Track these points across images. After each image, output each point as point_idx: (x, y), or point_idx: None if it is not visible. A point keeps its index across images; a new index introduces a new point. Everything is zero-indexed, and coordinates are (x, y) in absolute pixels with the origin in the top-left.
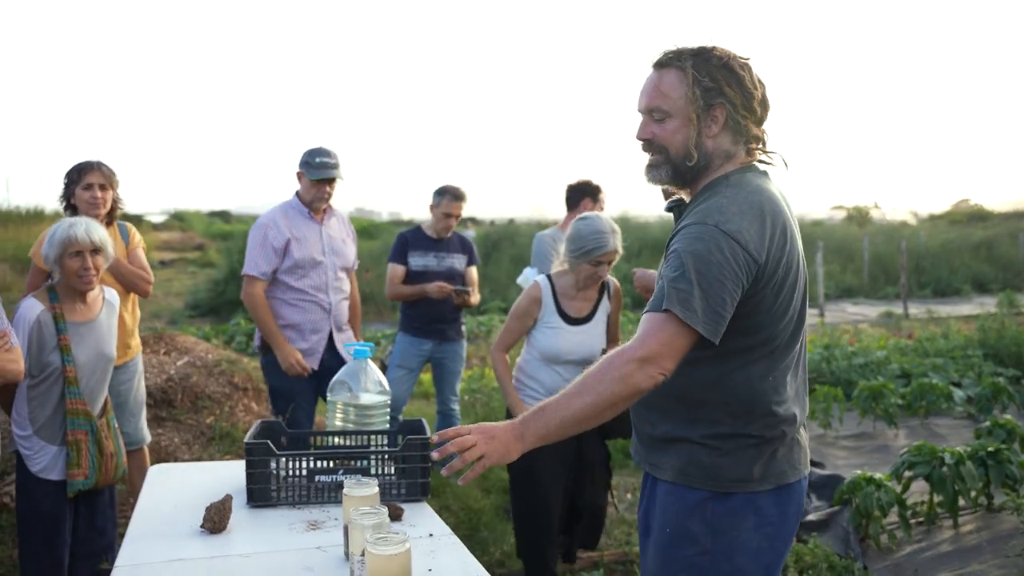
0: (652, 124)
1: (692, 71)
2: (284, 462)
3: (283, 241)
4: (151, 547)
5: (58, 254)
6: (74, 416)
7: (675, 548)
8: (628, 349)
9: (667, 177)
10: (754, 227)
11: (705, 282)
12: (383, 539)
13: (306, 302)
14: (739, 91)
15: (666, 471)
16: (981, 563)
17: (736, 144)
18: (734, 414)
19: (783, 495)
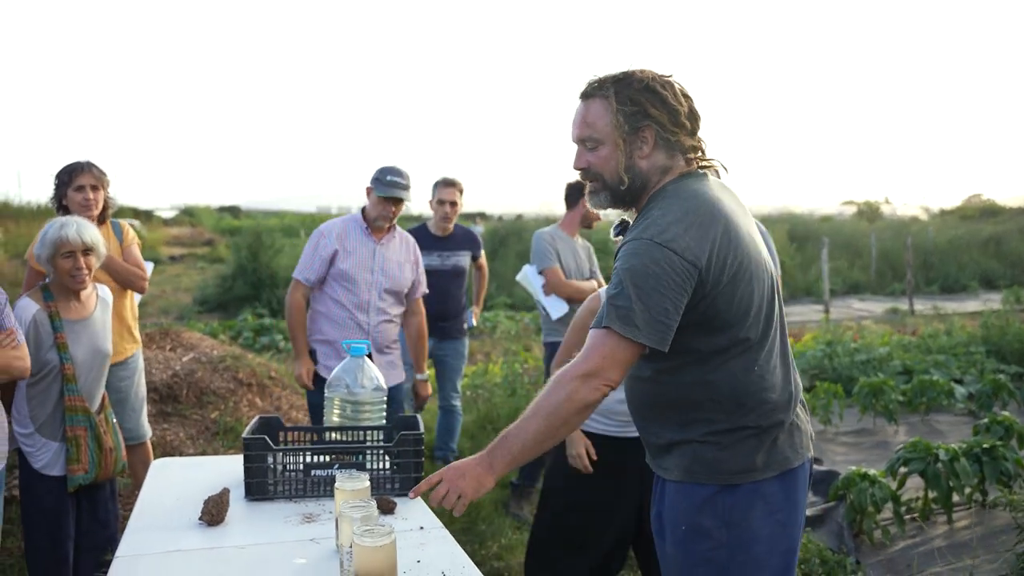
0: (586, 153)
1: (614, 99)
2: (281, 457)
3: (331, 251)
4: (151, 538)
5: (50, 254)
6: (73, 413)
7: (692, 544)
8: (572, 367)
9: (607, 201)
10: (689, 233)
11: (644, 295)
12: (369, 531)
13: (345, 319)
14: (664, 110)
15: (672, 471)
16: (974, 558)
17: (672, 158)
18: (727, 410)
19: (788, 480)
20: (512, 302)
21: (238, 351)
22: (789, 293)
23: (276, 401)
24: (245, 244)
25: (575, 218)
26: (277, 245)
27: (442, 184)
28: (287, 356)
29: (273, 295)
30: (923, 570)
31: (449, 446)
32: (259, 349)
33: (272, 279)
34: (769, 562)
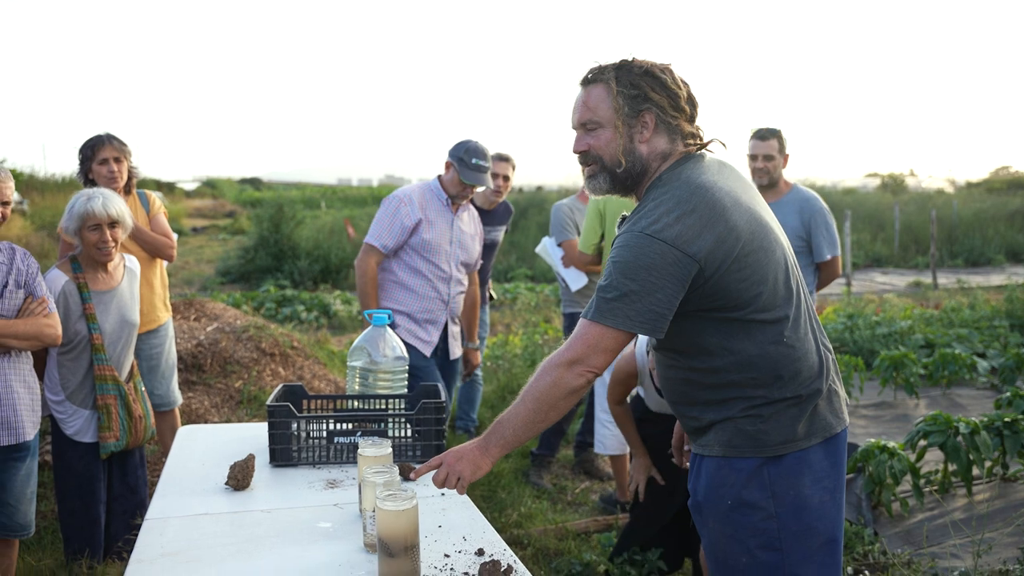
0: (585, 136)
1: (615, 83)
2: (304, 424)
3: (415, 220)
4: (179, 502)
5: (77, 227)
6: (103, 382)
7: (739, 516)
8: (556, 355)
9: (606, 184)
10: (682, 222)
11: (636, 286)
12: (392, 495)
13: (425, 288)
14: (664, 94)
15: (714, 447)
16: (993, 531)
17: (672, 143)
18: (765, 384)
19: (831, 447)
20: (532, 274)
21: (261, 321)
22: None
23: (299, 371)
24: (267, 216)
25: None
26: (298, 217)
27: (496, 158)
28: (309, 326)
29: (295, 266)
30: (941, 542)
31: (470, 416)
32: (281, 320)
33: (293, 250)
34: (820, 529)
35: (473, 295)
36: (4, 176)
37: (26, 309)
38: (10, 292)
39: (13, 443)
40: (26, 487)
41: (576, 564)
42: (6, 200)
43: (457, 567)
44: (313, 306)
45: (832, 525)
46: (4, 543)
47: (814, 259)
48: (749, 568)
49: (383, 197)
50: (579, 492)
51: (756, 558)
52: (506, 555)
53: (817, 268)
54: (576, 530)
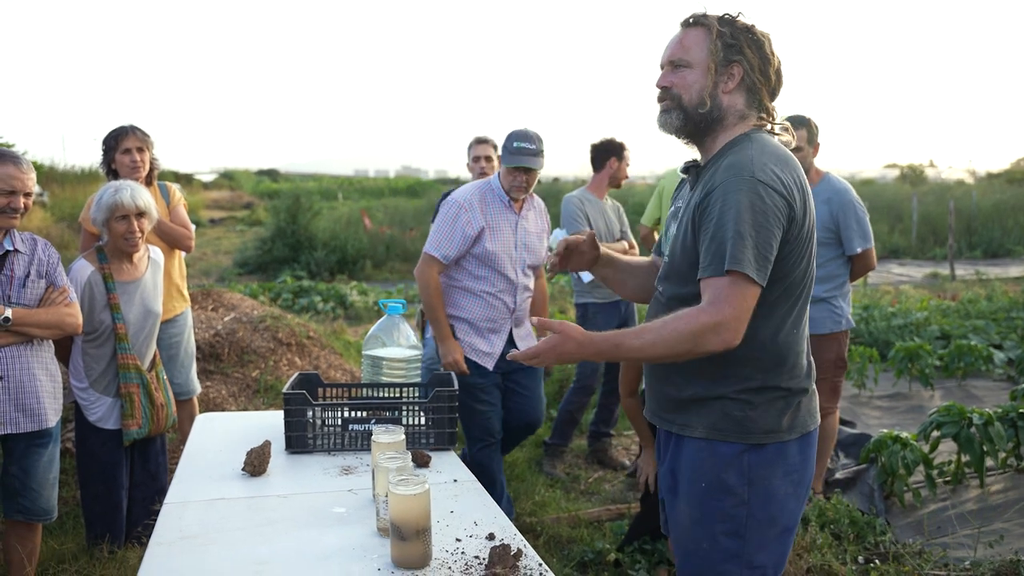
0: (671, 74)
1: (717, 28)
2: (320, 412)
3: (477, 229)
4: (197, 487)
5: (105, 218)
6: (126, 370)
7: (712, 500)
8: (703, 313)
9: (678, 122)
10: (786, 175)
11: (753, 231)
12: (404, 480)
13: (489, 296)
14: (758, 54)
15: (696, 428)
16: (1005, 522)
17: (749, 107)
18: (765, 368)
19: (804, 443)
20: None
21: (277, 312)
22: None
23: (315, 360)
24: (284, 207)
25: (603, 180)
26: (315, 208)
27: (475, 142)
28: (325, 317)
29: (311, 257)
30: (953, 532)
31: None
32: (298, 310)
33: (310, 242)
34: (780, 520)
35: (542, 288)
36: (26, 168)
37: (48, 299)
38: (32, 282)
39: (36, 429)
40: (48, 473)
41: (588, 552)
42: (28, 191)
43: (468, 551)
44: (330, 297)
45: (791, 516)
46: (28, 527)
47: (845, 251)
48: (709, 553)
49: (399, 188)
50: (592, 481)
51: (718, 543)
52: (516, 540)
53: (849, 260)
54: (588, 519)
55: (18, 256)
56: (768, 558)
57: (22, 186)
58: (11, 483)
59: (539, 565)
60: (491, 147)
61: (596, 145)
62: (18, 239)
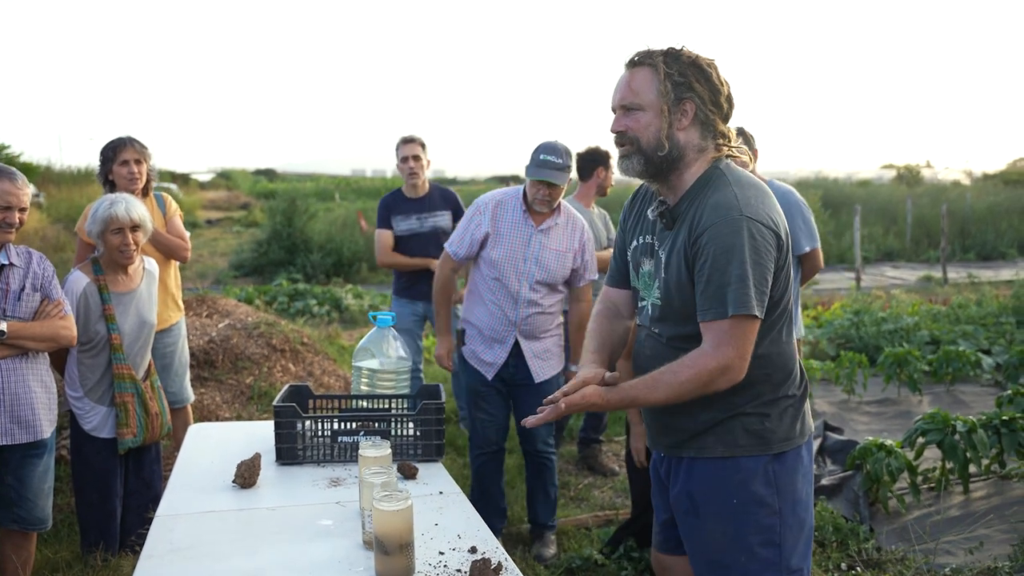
0: (625, 118)
1: (663, 67)
2: (310, 424)
3: (483, 233)
4: (188, 499)
5: (100, 230)
6: (120, 380)
7: (746, 515)
8: (709, 358)
9: (639, 167)
10: (768, 207)
11: (752, 270)
12: (388, 496)
13: (493, 306)
14: (707, 87)
15: (716, 448)
16: (987, 527)
17: (705, 139)
18: (775, 381)
19: (809, 444)
20: None
21: (271, 318)
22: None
23: (308, 367)
24: (280, 209)
25: (590, 189)
26: (311, 210)
27: (401, 142)
28: (320, 320)
29: (307, 260)
30: (936, 539)
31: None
32: (293, 314)
33: (306, 244)
34: (807, 520)
35: (580, 313)
36: (21, 183)
37: (42, 311)
38: (27, 295)
39: (31, 440)
40: (43, 483)
41: (576, 558)
42: (23, 207)
43: (451, 564)
44: (325, 300)
45: (812, 516)
46: (22, 536)
47: (794, 252)
48: (747, 566)
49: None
50: (582, 488)
51: (756, 555)
52: (498, 553)
53: (798, 261)
54: (577, 525)
55: (13, 270)
56: (802, 561)
57: (17, 201)
58: (6, 493)
59: None
60: (418, 146)
61: (582, 154)
62: (13, 253)
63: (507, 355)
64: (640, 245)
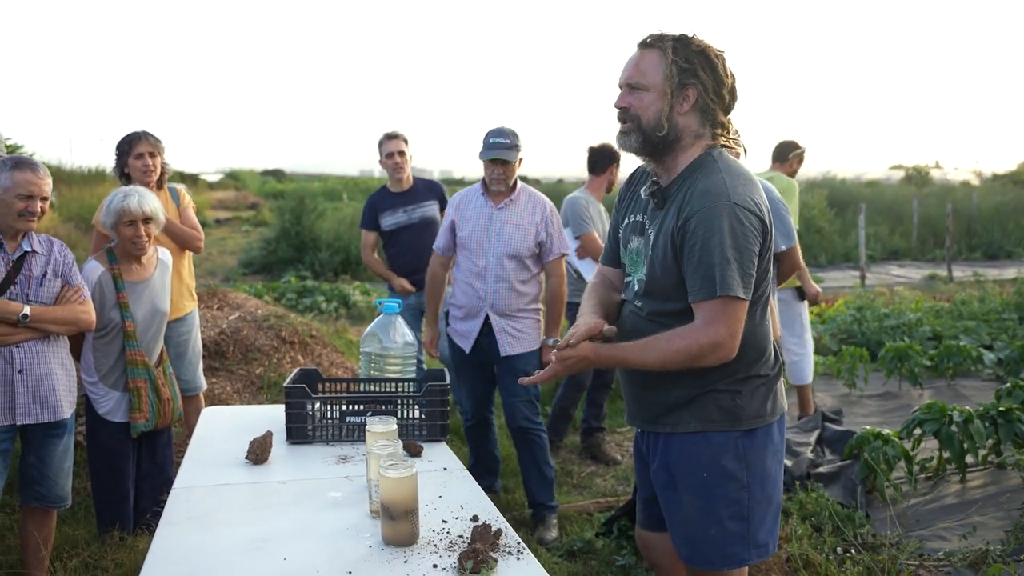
0: (629, 95)
1: (671, 52)
2: (319, 405)
3: (450, 220)
4: (203, 474)
5: (113, 222)
6: (133, 366)
7: (716, 488)
8: (701, 333)
9: (636, 144)
10: (755, 194)
11: (737, 254)
12: (394, 465)
13: (465, 284)
14: (711, 76)
15: (690, 423)
16: (982, 515)
17: (703, 126)
18: (748, 360)
19: (781, 423)
20: None
21: (281, 311)
22: (827, 259)
23: (317, 358)
24: (288, 208)
25: (603, 183)
26: (319, 209)
27: (384, 138)
28: (328, 316)
29: (315, 258)
30: (931, 526)
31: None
32: (302, 310)
33: (314, 242)
34: (774, 497)
35: (552, 287)
36: (43, 174)
37: (63, 297)
38: (48, 281)
39: (52, 420)
40: (63, 462)
41: (577, 541)
42: (45, 196)
43: (453, 531)
44: (333, 296)
45: (778, 494)
46: (44, 513)
47: None
48: (718, 538)
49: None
50: (584, 476)
51: (725, 528)
52: (498, 521)
53: (775, 259)
54: (579, 511)
55: (35, 257)
56: (768, 536)
57: (39, 191)
58: (29, 472)
59: (517, 543)
60: (402, 141)
61: (597, 149)
62: (35, 240)
63: (479, 328)
64: (631, 223)
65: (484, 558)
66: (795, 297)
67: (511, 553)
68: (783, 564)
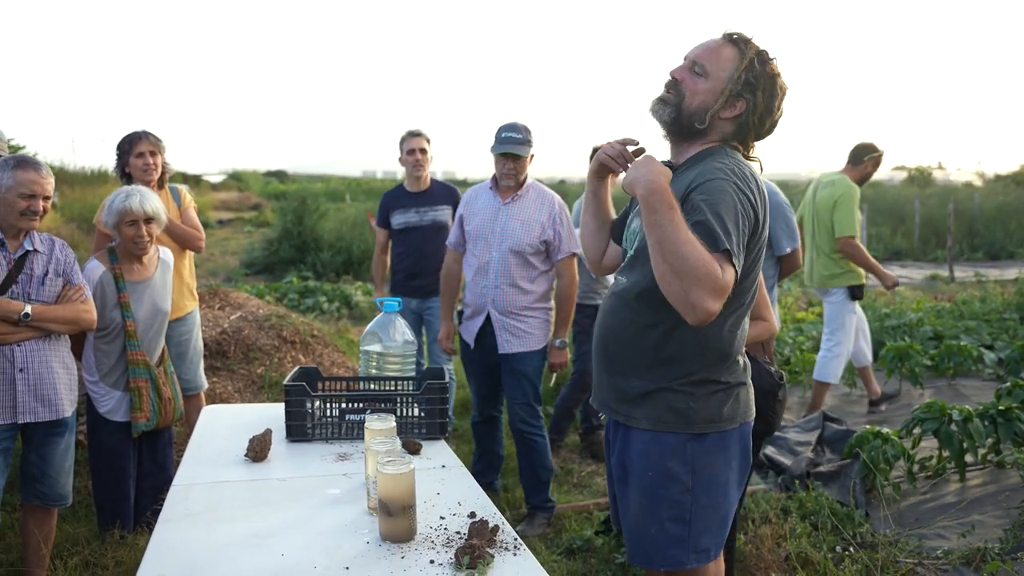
0: (688, 71)
1: (747, 62)
2: (318, 403)
3: (460, 215)
4: (203, 470)
5: (115, 222)
6: (135, 366)
7: (659, 488)
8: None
9: (668, 117)
10: (755, 188)
11: (734, 226)
12: (392, 461)
13: (471, 283)
14: (765, 104)
15: (642, 420)
16: (981, 514)
17: (734, 137)
18: (708, 363)
19: (744, 432)
20: None
21: (282, 311)
22: None
23: (318, 358)
24: (291, 209)
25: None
26: (322, 209)
27: (407, 136)
28: (330, 316)
29: (317, 258)
30: (930, 524)
31: None
32: (303, 310)
33: (317, 243)
34: (723, 504)
35: (562, 287)
36: (45, 173)
37: (64, 296)
38: (50, 280)
39: (53, 419)
40: (64, 460)
41: (577, 539)
42: (47, 195)
43: (451, 527)
44: (335, 297)
45: (731, 503)
46: (45, 512)
47: (774, 252)
48: (657, 538)
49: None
50: (585, 474)
51: (665, 529)
52: (495, 517)
53: (778, 261)
54: (578, 510)
55: (37, 256)
56: (711, 541)
57: (42, 190)
58: (30, 470)
59: (514, 540)
60: (424, 140)
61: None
62: (37, 239)
63: (480, 325)
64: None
65: (480, 554)
66: (847, 297)
67: (508, 549)
68: (782, 562)
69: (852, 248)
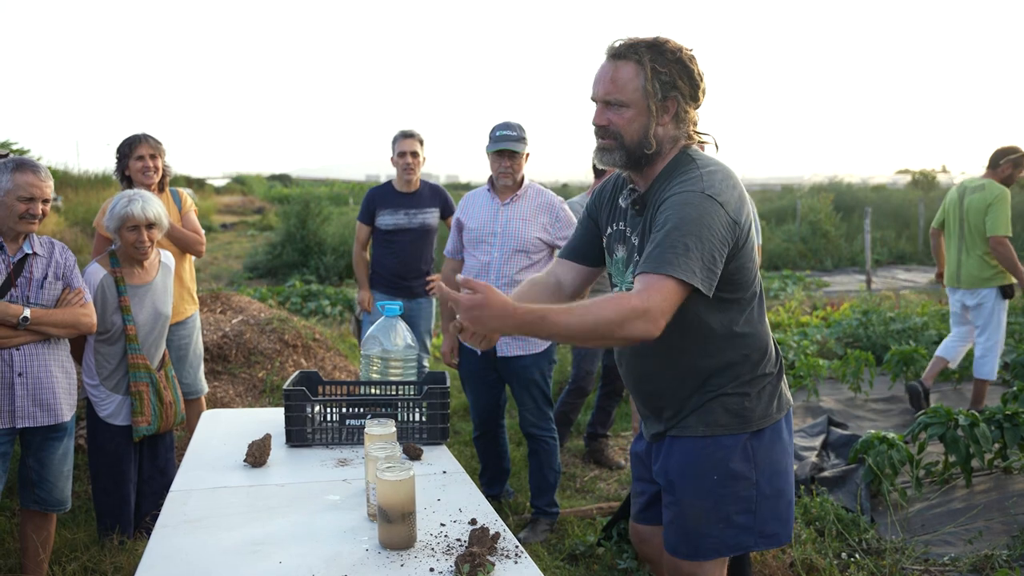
0: (608, 112)
1: (650, 65)
2: (319, 408)
3: (457, 220)
4: (201, 476)
5: (116, 227)
6: (135, 369)
7: (725, 489)
8: (634, 297)
9: (620, 161)
10: (732, 193)
11: (698, 242)
12: (391, 468)
13: None
14: (688, 84)
15: (697, 428)
16: (988, 520)
17: (679, 129)
18: (753, 361)
19: (788, 419)
20: None
21: (284, 314)
22: (833, 262)
23: (320, 362)
24: (294, 212)
25: None
26: (325, 213)
27: (400, 136)
28: (332, 320)
29: (320, 262)
30: (936, 530)
31: None
32: (306, 314)
33: (320, 246)
34: (786, 490)
35: None
36: (44, 176)
37: (64, 299)
38: (50, 283)
39: (52, 423)
40: (63, 465)
41: (580, 544)
42: (47, 198)
43: (451, 534)
44: (337, 301)
45: (792, 487)
46: (43, 517)
47: None
48: (724, 532)
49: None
50: (588, 480)
51: (732, 522)
52: (496, 524)
53: None
54: (582, 515)
55: (36, 259)
56: (780, 526)
57: (41, 193)
58: (28, 474)
59: (516, 547)
60: (417, 142)
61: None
62: (36, 243)
63: None
64: (614, 232)
65: (481, 562)
66: (999, 296)
67: (509, 557)
68: (787, 569)
69: (1003, 247)
